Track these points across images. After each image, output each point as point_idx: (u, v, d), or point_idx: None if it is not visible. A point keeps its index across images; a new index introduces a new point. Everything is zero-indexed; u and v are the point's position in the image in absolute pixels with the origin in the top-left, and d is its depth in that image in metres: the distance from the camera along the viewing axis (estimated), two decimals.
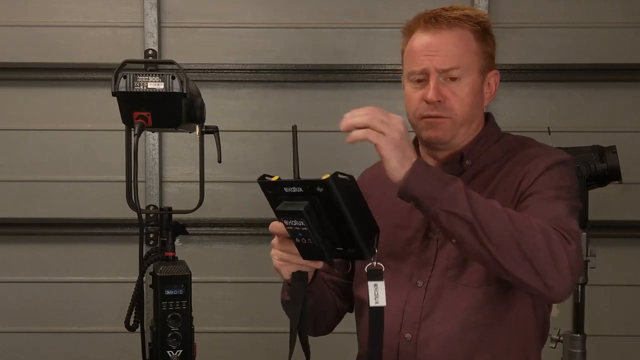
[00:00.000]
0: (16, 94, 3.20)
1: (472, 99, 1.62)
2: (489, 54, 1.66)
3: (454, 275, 1.58)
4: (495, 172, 1.63)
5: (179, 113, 1.62)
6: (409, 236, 1.65)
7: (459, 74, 1.60)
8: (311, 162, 2.28)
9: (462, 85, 1.61)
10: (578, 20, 3.19)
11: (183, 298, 1.62)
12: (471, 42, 1.62)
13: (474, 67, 1.62)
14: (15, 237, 3.22)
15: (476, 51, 1.63)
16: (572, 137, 2.76)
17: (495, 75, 1.69)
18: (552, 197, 1.51)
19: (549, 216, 1.44)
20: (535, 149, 1.65)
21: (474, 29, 1.63)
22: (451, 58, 1.59)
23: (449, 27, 1.61)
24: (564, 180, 1.56)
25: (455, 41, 1.61)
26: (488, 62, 1.66)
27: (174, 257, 1.70)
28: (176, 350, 1.61)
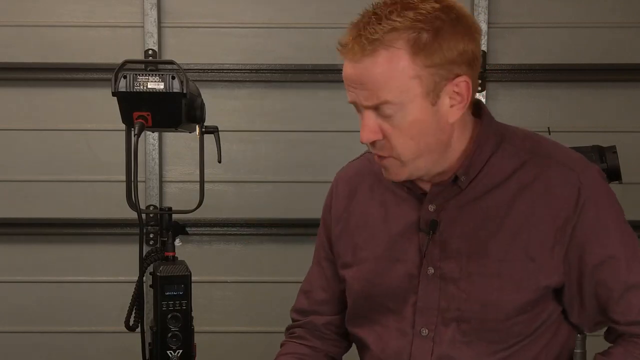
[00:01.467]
0: (16, 94, 3.20)
1: (417, 131, 1.30)
2: (446, 62, 1.28)
3: (474, 328, 1.36)
4: (518, 188, 1.36)
5: (179, 113, 1.62)
6: (406, 271, 1.41)
7: (393, 109, 1.28)
8: (311, 162, 2.30)
9: (401, 118, 1.29)
10: (578, 20, 3.18)
11: (183, 298, 1.61)
12: (404, 66, 1.26)
13: (413, 94, 1.27)
14: (15, 237, 3.22)
15: (414, 74, 1.26)
16: (572, 137, 2.75)
17: (460, 84, 1.30)
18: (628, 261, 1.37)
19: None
20: (558, 167, 1.37)
21: (412, 42, 1.25)
22: (376, 94, 1.27)
23: (369, 54, 1.26)
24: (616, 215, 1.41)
25: (378, 71, 1.26)
26: (444, 74, 1.28)
27: (174, 257, 1.69)
28: (176, 350, 1.61)
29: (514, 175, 1.36)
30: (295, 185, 3.20)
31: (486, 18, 3.13)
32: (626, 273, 1.37)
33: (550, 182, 1.35)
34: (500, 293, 1.35)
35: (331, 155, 3.11)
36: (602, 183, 1.41)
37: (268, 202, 3.22)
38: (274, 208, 3.20)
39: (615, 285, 1.37)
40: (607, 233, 1.37)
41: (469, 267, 1.36)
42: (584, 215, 1.34)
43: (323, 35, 3.16)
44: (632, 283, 1.37)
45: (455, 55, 1.28)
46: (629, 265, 1.38)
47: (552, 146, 1.42)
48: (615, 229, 1.39)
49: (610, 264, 1.36)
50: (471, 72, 1.32)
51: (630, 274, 1.37)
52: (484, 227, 1.36)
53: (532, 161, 1.37)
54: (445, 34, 1.27)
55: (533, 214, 1.34)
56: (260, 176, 3.24)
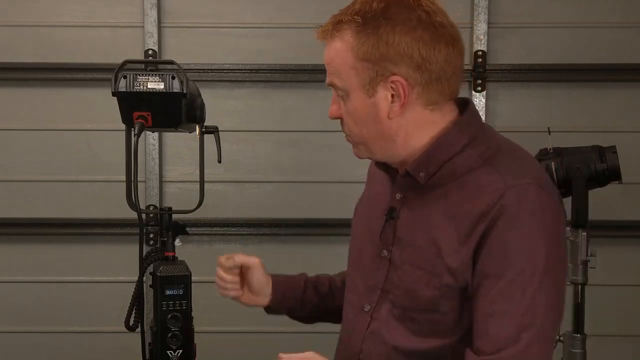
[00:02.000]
0: (16, 94, 3.20)
1: (359, 118, 1.39)
2: (379, 59, 1.34)
3: (400, 314, 1.43)
4: (456, 189, 1.38)
5: (179, 113, 1.62)
6: (372, 252, 1.50)
7: (341, 92, 1.39)
8: (311, 162, 2.30)
9: (348, 103, 1.39)
10: (578, 20, 3.19)
11: (183, 298, 1.62)
12: (346, 55, 1.36)
13: (353, 82, 1.37)
14: (15, 237, 3.22)
15: (352, 64, 1.36)
16: (572, 137, 2.76)
17: (395, 82, 1.35)
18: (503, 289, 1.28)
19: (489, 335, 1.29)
20: (490, 173, 1.34)
21: (354, 34, 1.35)
22: (329, 73, 1.41)
23: (327, 40, 1.40)
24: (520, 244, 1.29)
25: (330, 55, 1.39)
26: (379, 70, 1.35)
27: (174, 257, 1.70)
28: (176, 350, 1.61)
29: (462, 177, 1.38)
30: (295, 185, 3.20)
31: (486, 18, 3.13)
32: (499, 297, 1.30)
33: (481, 188, 1.34)
34: (417, 284, 1.40)
35: (331, 155, 3.11)
36: (531, 202, 1.31)
37: (268, 202, 3.23)
38: (274, 208, 3.21)
39: (483, 302, 1.32)
40: (503, 250, 1.30)
41: (404, 255, 1.43)
42: (493, 225, 1.30)
43: None
44: (499, 310, 1.30)
45: (392, 53, 1.33)
46: (506, 290, 1.30)
47: (508, 158, 1.39)
48: (518, 250, 1.29)
49: (490, 280, 1.31)
50: (416, 75, 1.35)
51: (501, 299, 1.30)
52: (422, 220, 1.41)
53: (481, 167, 1.37)
54: (383, 32, 1.33)
55: (456, 215, 1.36)
56: (260, 176, 3.24)
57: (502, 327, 1.29)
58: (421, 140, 1.40)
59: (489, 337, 1.30)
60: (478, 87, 3.15)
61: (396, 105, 1.36)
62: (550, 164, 2.51)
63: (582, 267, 2.49)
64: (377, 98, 1.37)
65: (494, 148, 1.40)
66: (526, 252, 1.29)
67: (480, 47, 3.14)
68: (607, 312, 3.17)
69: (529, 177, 1.33)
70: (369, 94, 1.36)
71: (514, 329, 1.28)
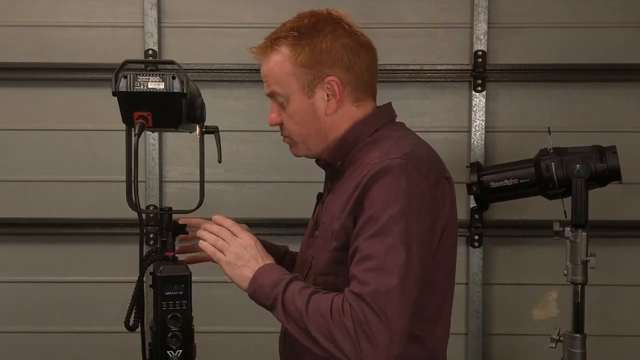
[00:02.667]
0: (16, 94, 3.20)
1: (300, 118, 1.66)
2: (315, 64, 1.62)
3: (311, 281, 1.65)
4: (353, 169, 1.63)
5: (179, 113, 1.62)
6: (309, 233, 1.77)
7: (282, 98, 1.66)
8: (311, 162, 2.27)
9: (288, 107, 1.66)
10: (578, 20, 3.19)
11: (183, 298, 1.61)
12: (284, 64, 1.64)
13: (293, 87, 1.64)
14: (15, 237, 3.22)
15: (292, 71, 1.63)
16: (572, 137, 2.76)
17: (331, 82, 1.62)
18: (370, 237, 1.49)
19: (358, 275, 1.48)
20: (374, 153, 1.59)
21: (290, 47, 1.64)
22: (269, 84, 1.67)
23: (265, 54, 1.67)
24: (383, 200, 1.50)
25: (269, 67, 1.66)
26: (316, 73, 1.63)
27: (174, 257, 1.70)
28: (176, 350, 1.61)
29: (359, 161, 1.63)
30: (295, 185, 3.20)
31: (486, 18, 3.13)
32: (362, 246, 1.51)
33: (364, 164, 1.58)
34: (318, 251, 1.66)
35: None
36: (394, 171, 1.51)
37: (268, 202, 3.23)
38: (274, 208, 3.21)
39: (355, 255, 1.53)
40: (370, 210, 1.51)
41: (318, 231, 1.69)
42: (365, 189, 1.53)
43: None
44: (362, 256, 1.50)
45: (326, 59, 1.62)
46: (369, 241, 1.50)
47: (389, 142, 1.61)
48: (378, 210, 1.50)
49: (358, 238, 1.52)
50: (346, 75, 1.63)
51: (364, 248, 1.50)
52: (333, 201, 1.66)
53: (371, 151, 1.61)
54: (317, 42, 1.62)
55: (345, 188, 1.61)
56: (260, 176, 3.25)
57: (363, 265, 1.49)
58: (339, 132, 1.67)
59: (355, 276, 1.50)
60: (478, 87, 3.15)
61: (332, 103, 1.64)
62: (550, 164, 2.51)
63: (582, 267, 2.50)
64: (315, 98, 1.64)
65: (384, 136, 1.65)
66: (386, 206, 1.49)
67: (480, 47, 3.14)
68: (607, 312, 3.18)
69: (398, 154, 1.55)
70: (309, 95, 1.64)
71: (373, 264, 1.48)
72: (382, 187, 1.51)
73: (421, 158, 1.58)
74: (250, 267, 1.59)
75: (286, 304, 1.54)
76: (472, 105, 3.15)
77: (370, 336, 1.43)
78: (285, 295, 1.54)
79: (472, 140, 3.15)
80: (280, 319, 1.57)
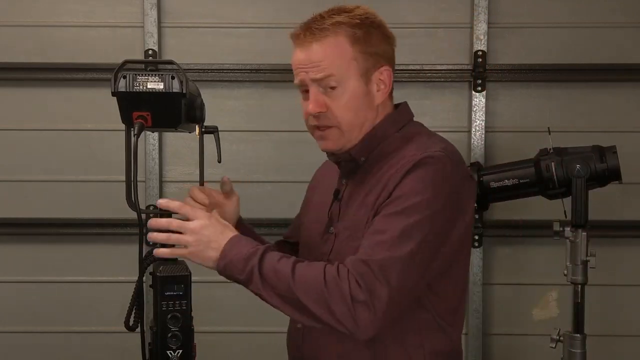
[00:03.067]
0: (16, 94, 3.20)
1: (354, 104, 1.64)
2: (373, 53, 1.65)
3: None
4: (384, 164, 1.64)
5: (179, 113, 1.62)
6: (319, 230, 1.75)
7: (336, 81, 1.62)
8: (311, 162, 2.27)
9: (341, 92, 1.63)
10: (578, 20, 3.19)
11: (183, 298, 1.61)
12: (345, 49, 1.62)
13: (352, 72, 1.63)
14: (15, 237, 3.22)
15: (352, 56, 1.63)
16: (572, 137, 2.76)
17: (385, 72, 1.67)
18: (390, 214, 1.53)
19: (368, 245, 1.52)
20: (410, 147, 1.63)
21: (350, 33, 1.63)
22: (324, 68, 1.62)
23: (318, 40, 1.63)
24: (414, 187, 1.54)
25: (326, 51, 1.62)
26: (372, 62, 1.65)
27: (174, 257, 1.69)
28: (176, 350, 1.61)
29: (390, 156, 1.65)
30: (295, 185, 3.19)
31: (486, 18, 3.13)
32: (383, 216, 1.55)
33: (399, 158, 1.61)
34: (349, 242, 1.63)
35: None
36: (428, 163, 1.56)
37: (268, 202, 3.23)
38: (274, 208, 3.20)
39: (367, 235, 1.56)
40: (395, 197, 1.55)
41: (345, 224, 1.68)
42: (394, 178, 1.57)
43: None
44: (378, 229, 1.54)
45: (380, 50, 1.66)
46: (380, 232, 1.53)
47: (425, 138, 1.67)
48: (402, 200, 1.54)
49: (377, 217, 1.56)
50: (390, 66, 1.69)
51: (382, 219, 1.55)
52: (359, 196, 1.66)
53: (405, 146, 1.65)
54: (372, 33, 1.65)
55: (380, 180, 1.62)
56: (260, 176, 3.24)
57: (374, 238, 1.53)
58: (369, 127, 1.68)
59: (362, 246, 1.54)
60: (478, 87, 3.15)
61: (381, 93, 1.67)
62: (550, 164, 2.51)
63: (582, 267, 2.50)
64: (370, 86, 1.66)
65: (415, 132, 1.70)
66: (414, 192, 1.53)
67: (480, 47, 3.14)
68: (607, 312, 3.18)
69: (435, 148, 1.60)
70: (365, 82, 1.64)
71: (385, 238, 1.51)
72: (415, 175, 1.55)
73: (455, 153, 1.64)
74: (214, 247, 1.58)
75: (265, 275, 1.54)
76: (472, 105, 3.15)
77: (369, 302, 1.46)
78: (262, 266, 1.55)
79: (472, 140, 3.15)
80: (255, 291, 1.58)
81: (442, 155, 1.58)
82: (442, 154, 1.58)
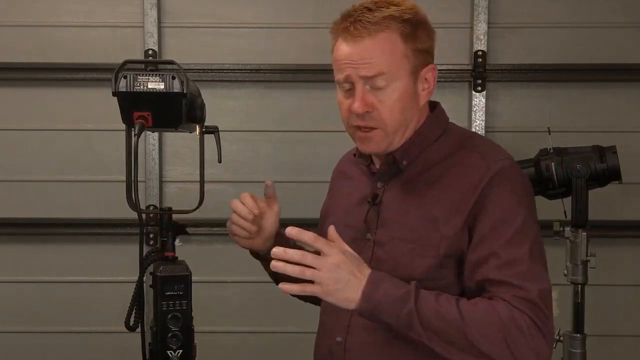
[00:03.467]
0: (16, 94, 3.20)
1: (402, 104, 1.55)
2: (422, 50, 1.57)
3: None
4: (443, 171, 1.57)
5: (179, 113, 1.62)
6: (352, 236, 1.61)
7: (386, 80, 1.52)
8: (311, 162, 2.30)
9: (391, 91, 1.53)
10: (578, 20, 3.19)
11: (183, 298, 1.61)
12: (397, 45, 1.53)
13: (403, 70, 1.54)
14: (15, 237, 3.22)
15: (404, 53, 1.53)
16: (572, 137, 2.76)
17: (431, 71, 1.60)
18: (509, 243, 1.49)
19: (514, 277, 1.47)
20: (473, 156, 1.56)
21: (401, 29, 1.53)
22: (375, 65, 1.52)
23: (370, 34, 1.51)
24: (512, 206, 1.51)
25: (378, 47, 1.52)
26: (421, 60, 1.57)
27: (174, 257, 1.69)
28: (176, 350, 1.61)
29: (443, 161, 1.59)
30: (295, 185, 3.20)
31: (486, 18, 3.13)
32: (503, 251, 1.49)
33: (466, 167, 1.55)
34: (410, 256, 1.55)
35: (331, 155, 3.09)
36: (513, 174, 1.55)
37: None
38: None
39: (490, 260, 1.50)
40: (500, 212, 1.51)
41: (392, 232, 1.59)
42: (484, 193, 1.51)
43: (323, 35, 3.13)
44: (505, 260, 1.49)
45: (428, 46, 1.59)
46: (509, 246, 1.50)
47: (479, 142, 1.63)
48: (508, 210, 1.51)
49: (492, 240, 1.50)
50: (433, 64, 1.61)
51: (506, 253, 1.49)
52: (411, 200, 1.58)
53: (459, 152, 1.59)
54: (421, 28, 1.57)
55: (447, 191, 1.55)
56: (260, 176, 3.24)
57: (513, 273, 1.48)
58: (411, 130, 1.60)
59: (505, 282, 1.47)
60: (478, 87, 3.15)
61: (426, 93, 1.60)
62: (550, 164, 2.51)
63: (582, 267, 2.50)
64: (418, 85, 1.58)
65: (466, 136, 1.64)
66: (519, 213, 1.51)
67: (480, 47, 3.14)
68: (607, 312, 3.18)
69: (505, 155, 1.57)
70: (414, 81, 1.56)
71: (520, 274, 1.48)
72: (504, 191, 1.51)
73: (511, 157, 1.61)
74: (353, 287, 1.44)
75: (426, 320, 1.44)
76: (472, 105, 3.15)
77: (545, 334, 1.46)
78: (420, 311, 1.44)
79: None
80: (414, 337, 1.46)
81: (513, 163, 1.56)
82: (511, 161, 1.56)
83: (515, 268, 1.48)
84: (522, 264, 1.48)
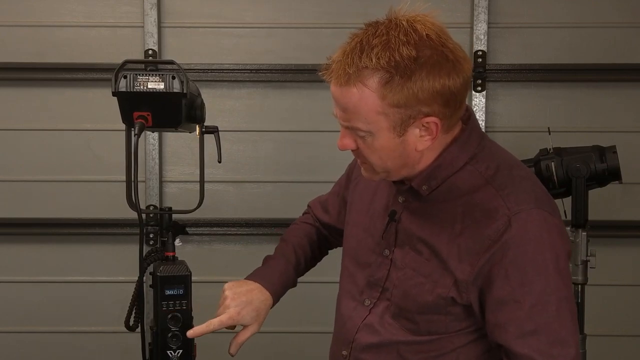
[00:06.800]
0: (16, 94, 3.20)
1: (387, 154, 1.42)
2: (412, 104, 1.35)
3: (396, 313, 1.52)
4: (465, 209, 1.44)
5: (179, 113, 1.62)
6: (371, 246, 1.58)
7: (363, 133, 1.40)
8: (311, 162, 2.30)
9: (371, 141, 1.40)
10: (578, 20, 3.19)
11: (183, 298, 1.61)
12: (372, 102, 1.35)
13: (381, 126, 1.37)
14: (15, 237, 3.22)
15: (381, 110, 1.35)
16: (572, 137, 2.76)
17: (429, 122, 1.38)
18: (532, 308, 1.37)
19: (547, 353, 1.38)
20: (496, 199, 1.40)
21: (383, 83, 1.33)
22: (348, 118, 1.39)
23: (342, 85, 1.37)
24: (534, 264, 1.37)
25: (352, 102, 1.37)
26: (412, 113, 1.36)
27: (174, 257, 1.69)
28: (176, 350, 1.61)
29: (467, 195, 1.44)
30: (295, 185, 3.20)
31: (486, 18, 3.13)
32: (525, 319, 1.39)
33: (486, 213, 1.41)
34: (418, 289, 1.49)
35: (331, 155, 3.10)
36: (536, 229, 1.39)
37: (268, 202, 3.23)
38: (274, 208, 3.21)
39: (510, 328, 1.40)
40: (519, 276, 1.38)
41: (407, 259, 1.51)
42: (502, 252, 1.38)
43: (323, 35, 3.16)
44: (528, 330, 1.39)
45: (426, 96, 1.35)
46: (531, 313, 1.39)
47: (508, 179, 1.45)
48: (533, 273, 1.38)
49: (512, 306, 1.39)
50: (445, 110, 1.38)
51: (528, 321, 1.39)
52: (429, 230, 1.48)
53: (485, 188, 1.44)
54: (417, 79, 1.34)
55: (462, 234, 1.43)
56: (260, 176, 3.24)
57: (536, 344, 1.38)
58: (430, 159, 1.46)
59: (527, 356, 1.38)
60: (478, 87, 3.15)
61: (426, 140, 1.40)
62: (550, 164, 2.51)
63: (582, 267, 2.49)
64: (406, 136, 1.40)
65: (493, 167, 1.46)
66: (541, 273, 1.38)
67: (480, 47, 3.14)
68: (607, 312, 3.17)
69: (530, 201, 1.40)
70: (399, 134, 1.39)
71: (546, 345, 1.38)
72: (527, 250, 1.37)
73: (545, 196, 1.46)
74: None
75: None
76: (472, 105, 3.15)
77: None
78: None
79: None
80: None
81: (539, 213, 1.39)
82: (538, 211, 1.39)
83: (540, 337, 1.38)
84: (546, 331, 1.38)
